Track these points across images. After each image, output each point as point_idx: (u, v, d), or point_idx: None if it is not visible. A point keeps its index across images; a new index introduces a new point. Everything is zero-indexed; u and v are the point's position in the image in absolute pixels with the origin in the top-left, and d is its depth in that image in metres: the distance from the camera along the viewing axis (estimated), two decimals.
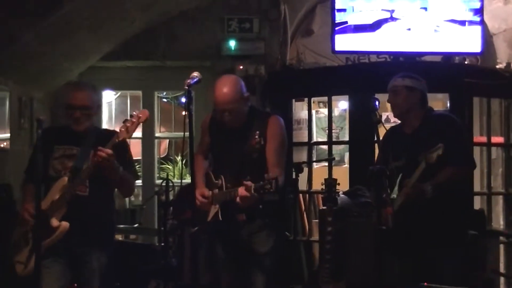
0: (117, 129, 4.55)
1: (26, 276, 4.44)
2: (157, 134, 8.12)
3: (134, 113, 4.47)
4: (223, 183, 4.61)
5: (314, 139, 7.42)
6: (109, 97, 8.49)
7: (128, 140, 4.66)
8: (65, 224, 4.43)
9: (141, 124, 4.49)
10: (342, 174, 6.64)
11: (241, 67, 7.20)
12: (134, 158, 5.19)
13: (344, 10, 6.81)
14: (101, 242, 4.63)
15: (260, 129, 4.56)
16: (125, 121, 4.45)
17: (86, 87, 4.75)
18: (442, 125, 4.70)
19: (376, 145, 4.49)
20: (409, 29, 6.79)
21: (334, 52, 6.96)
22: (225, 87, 4.60)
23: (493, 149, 7.19)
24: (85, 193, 4.53)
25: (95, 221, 4.56)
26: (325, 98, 7.36)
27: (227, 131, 4.68)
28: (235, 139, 4.59)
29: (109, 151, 4.35)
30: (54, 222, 4.42)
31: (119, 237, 6.59)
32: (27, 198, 4.56)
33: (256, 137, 4.44)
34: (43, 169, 4.52)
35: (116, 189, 4.84)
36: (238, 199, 4.33)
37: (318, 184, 5.69)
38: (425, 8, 6.77)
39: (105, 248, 4.66)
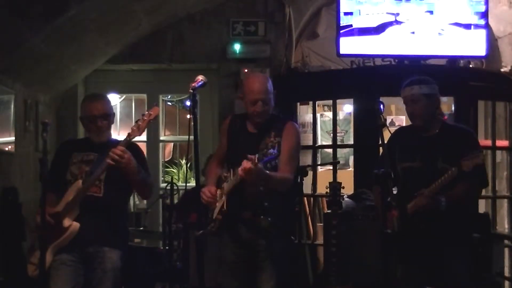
0: (124, 134, 4.61)
1: (36, 277, 4.48)
2: (161, 137, 8.14)
3: (146, 112, 4.52)
4: (231, 176, 4.62)
5: (319, 142, 7.43)
6: (114, 100, 8.49)
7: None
8: (75, 225, 4.47)
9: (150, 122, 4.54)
10: (346, 177, 6.64)
11: (246, 70, 7.21)
12: None
13: (350, 13, 6.82)
14: (114, 243, 4.65)
15: (277, 131, 4.59)
16: (137, 120, 4.51)
17: (102, 97, 4.87)
18: (465, 139, 4.63)
19: (380, 148, 4.47)
20: (413, 33, 6.80)
21: (339, 55, 6.98)
22: (259, 79, 4.71)
23: (498, 152, 7.18)
24: (99, 194, 4.57)
25: (108, 221, 4.59)
26: (330, 102, 7.36)
27: (245, 134, 4.70)
28: (252, 141, 4.59)
29: (122, 148, 4.40)
30: (66, 222, 4.46)
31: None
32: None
33: (272, 138, 4.44)
34: (61, 175, 4.62)
35: (135, 191, 4.90)
36: (240, 171, 4.27)
37: (322, 188, 5.69)
38: (431, 12, 6.78)
39: (118, 250, 4.67)
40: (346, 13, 6.82)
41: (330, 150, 7.44)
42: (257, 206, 4.56)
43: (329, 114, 7.75)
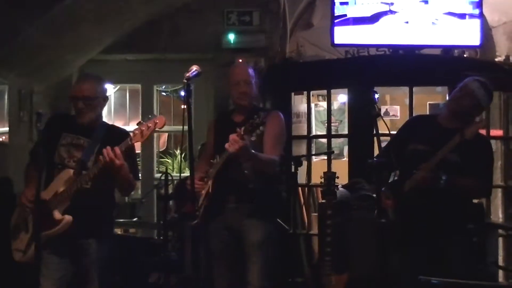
0: (118, 124, 4.57)
1: (24, 263, 4.46)
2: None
3: (150, 116, 4.44)
4: (218, 160, 4.68)
5: (313, 132, 7.42)
6: (108, 90, 8.46)
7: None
8: (68, 218, 4.44)
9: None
10: (341, 167, 6.65)
11: (241, 60, 7.20)
12: None
13: (346, 3, 6.82)
14: (100, 234, 4.63)
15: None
16: (139, 123, 4.43)
17: (91, 78, 4.74)
18: (482, 145, 4.73)
19: (375, 138, 4.48)
20: (407, 22, 6.80)
21: (334, 45, 6.97)
22: (240, 64, 5.38)
23: (492, 142, 7.11)
24: (87, 186, 4.54)
25: (95, 213, 4.56)
26: (325, 91, 7.36)
27: (231, 124, 4.74)
28: (236, 128, 4.63)
29: (118, 152, 4.35)
30: (57, 214, 4.43)
31: (118, 231, 6.59)
32: (28, 183, 4.55)
33: (255, 116, 4.47)
34: (49, 155, 4.54)
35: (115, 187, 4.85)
36: (227, 145, 4.39)
37: (317, 178, 5.69)
38: (426, 1, 6.78)
39: (105, 240, 4.66)
40: (342, 3, 6.82)
41: (324, 140, 7.43)
42: (243, 189, 4.61)
43: (324, 104, 7.73)
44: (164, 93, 9.70)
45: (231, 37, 7.31)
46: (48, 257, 4.49)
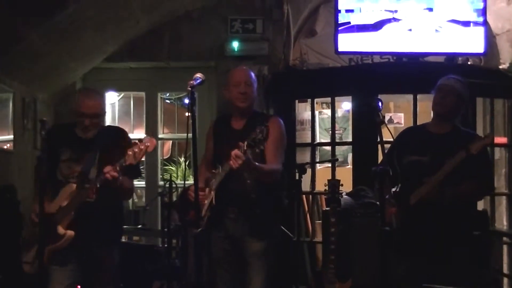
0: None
1: (34, 274, 4.47)
2: (160, 135, 8.13)
3: (142, 139, 4.48)
4: (220, 171, 4.64)
5: (317, 140, 7.42)
6: (112, 98, 8.49)
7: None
8: (70, 233, 4.46)
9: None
10: (345, 174, 6.65)
11: (244, 68, 7.20)
12: None
13: (351, 10, 6.82)
14: (110, 242, 4.67)
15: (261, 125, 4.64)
16: (134, 144, 4.46)
17: (97, 95, 4.77)
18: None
19: (379, 146, 4.49)
20: (410, 30, 6.80)
21: (338, 52, 6.97)
22: (241, 67, 5.08)
23: (497, 149, 7.17)
24: (92, 199, 4.54)
25: (103, 223, 4.58)
26: (328, 99, 7.36)
27: (230, 131, 4.74)
28: (236, 137, 4.61)
29: (116, 175, 4.38)
30: (60, 229, 4.44)
31: (122, 238, 6.58)
32: (35, 199, 4.57)
33: (257, 130, 4.45)
34: (51, 172, 4.58)
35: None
36: (231, 162, 4.29)
37: (321, 185, 5.68)
38: (430, 9, 6.79)
39: (114, 248, 4.72)
40: (347, 10, 6.83)
41: (328, 148, 7.43)
42: (245, 199, 4.60)
43: (328, 112, 7.74)
44: (168, 101, 9.71)
45: (235, 45, 7.30)
46: (56, 269, 4.51)
